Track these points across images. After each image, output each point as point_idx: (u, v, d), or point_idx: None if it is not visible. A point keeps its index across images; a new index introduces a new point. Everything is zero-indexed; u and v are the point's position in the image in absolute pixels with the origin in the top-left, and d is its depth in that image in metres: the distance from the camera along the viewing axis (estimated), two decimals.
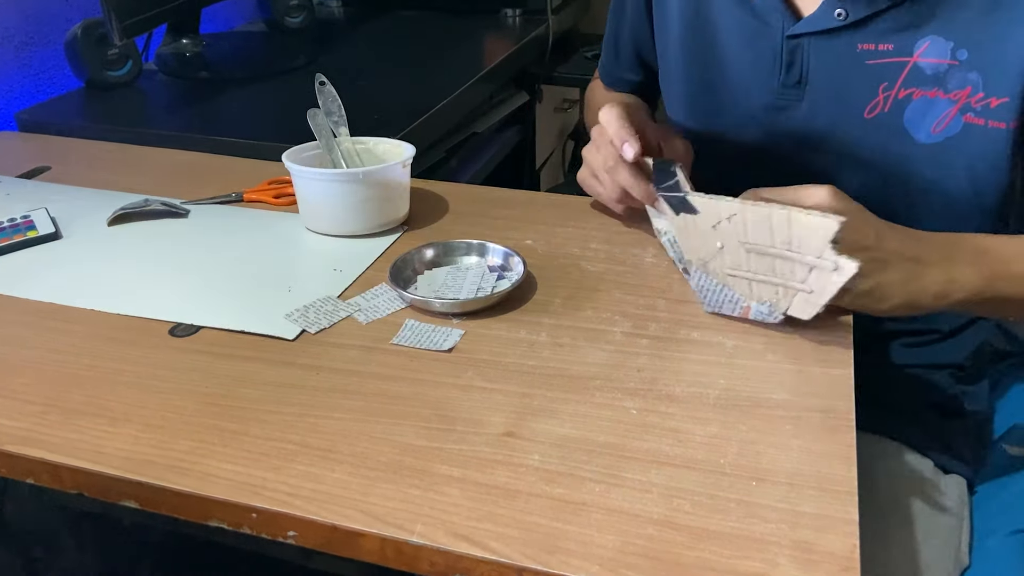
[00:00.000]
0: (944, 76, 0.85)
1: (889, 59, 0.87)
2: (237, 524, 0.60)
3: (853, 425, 0.65)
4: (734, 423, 0.65)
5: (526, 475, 0.60)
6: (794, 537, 0.55)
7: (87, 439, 0.64)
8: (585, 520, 0.57)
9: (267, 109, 1.37)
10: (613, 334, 0.76)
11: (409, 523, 0.57)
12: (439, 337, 0.76)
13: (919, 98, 0.87)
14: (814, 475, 0.60)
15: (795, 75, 0.93)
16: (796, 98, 0.94)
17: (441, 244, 0.87)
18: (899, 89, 0.87)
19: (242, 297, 0.83)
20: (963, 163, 0.87)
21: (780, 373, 0.71)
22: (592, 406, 0.67)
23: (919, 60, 0.86)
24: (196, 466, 0.62)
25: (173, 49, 1.56)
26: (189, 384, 0.70)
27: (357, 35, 1.82)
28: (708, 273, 0.78)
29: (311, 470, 0.61)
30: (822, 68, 0.91)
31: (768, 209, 0.70)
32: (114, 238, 0.95)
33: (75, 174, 1.12)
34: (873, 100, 0.89)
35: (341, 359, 0.73)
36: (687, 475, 0.60)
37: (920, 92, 0.87)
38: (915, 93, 0.87)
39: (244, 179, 1.07)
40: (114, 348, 0.75)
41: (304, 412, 0.67)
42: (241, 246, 0.93)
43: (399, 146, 0.99)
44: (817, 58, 0.91)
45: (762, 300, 0.75)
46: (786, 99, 0.94)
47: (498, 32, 1.83)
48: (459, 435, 0.64)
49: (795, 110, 0.94)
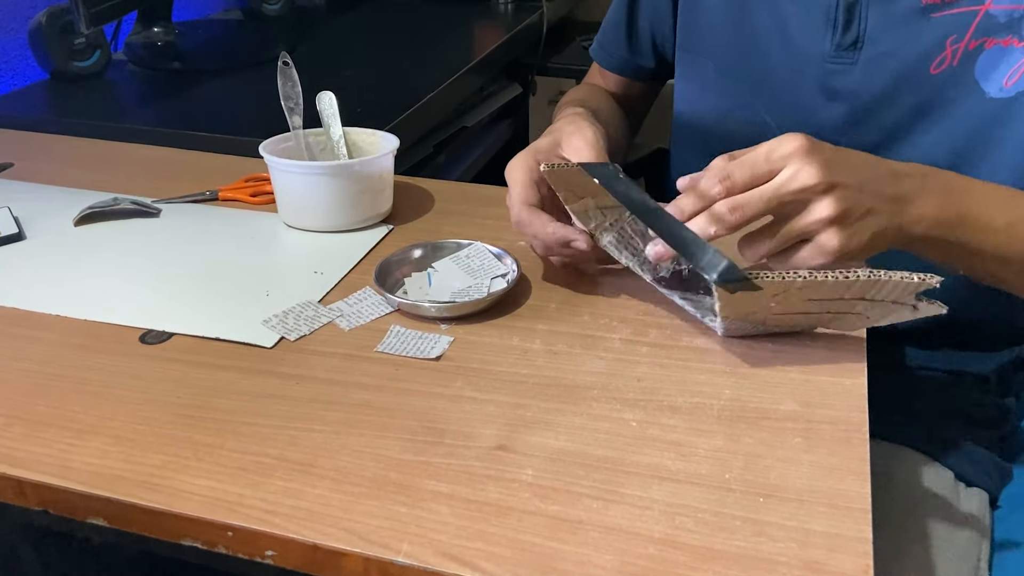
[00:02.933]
0: (1021, 22, 0.84)
1: (958, 9, 0.86)
2: (212, 543, 0.60)
3: (867, 438, 0.65)
4: (740, 436, 0.65)
5: (519, 491, 0.60)
6: (804, 557, 0.55)
7: (53, 453, 0.64)
8: (582, 539, 0.57)
9: (244, 102, 1.37)
10: (611, 341, 0.76)
11: (395, 542, 0.57)
12: (426, 344, 0.75)
13: (992, 47, 0.86)
14: (825, 491, 0.60)
15: (851, 36, 0.92)
16: (850, 60, 0.92)
17: (429, 244, 0.87)
18: (969, 40, 0.86)
19: (217, 302, 0.83)
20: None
21: (789, 383, 0.71)
22: (589, 418, 0.67)
23: (992, 7, 0.85)
24: (168, 481, 0.61)
25: (144, 38, 1.56)
26: (161, 394, 0.70)
27: (339, 23, 1.82)
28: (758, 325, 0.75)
29: (291, 486, 0.61)
30: (882, 28, 0.90)
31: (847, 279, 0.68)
32: (81, 239, 0.94)
33: (39, 171, 1.11)
34: (940, 55, 0.88)
35: (322, 368, 0.73)
36: (690, 491, 0.60)
37: (993, 41, 0.85)
38: (987, 43, 0.86)
39: (219, 176, 1.07)
40: (81, 356, 0.75)
41: (283, 424, 0.67)
42: (216, 248, 0.93)
43: (375, 135, 1.00)
44: (877, 17, 0.90)
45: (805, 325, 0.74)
46: (840, 62, 0.93)
47: (489, 20, 1.83)
48: (448, 448, 0.64)
49: (848, 74, 0.93)
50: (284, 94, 0.98)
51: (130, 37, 1.56)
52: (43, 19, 1.37)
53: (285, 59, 0.99)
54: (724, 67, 1.03)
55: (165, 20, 1.58)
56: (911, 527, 0.88)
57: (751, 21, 0.99)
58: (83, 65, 1.42)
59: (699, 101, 1.08)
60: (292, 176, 0.93)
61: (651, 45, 1.17)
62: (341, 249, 0.91)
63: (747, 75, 1.01)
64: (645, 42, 1.18)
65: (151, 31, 1.56)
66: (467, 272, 0.85)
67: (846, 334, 0.76)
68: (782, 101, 0.99)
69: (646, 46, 1.18)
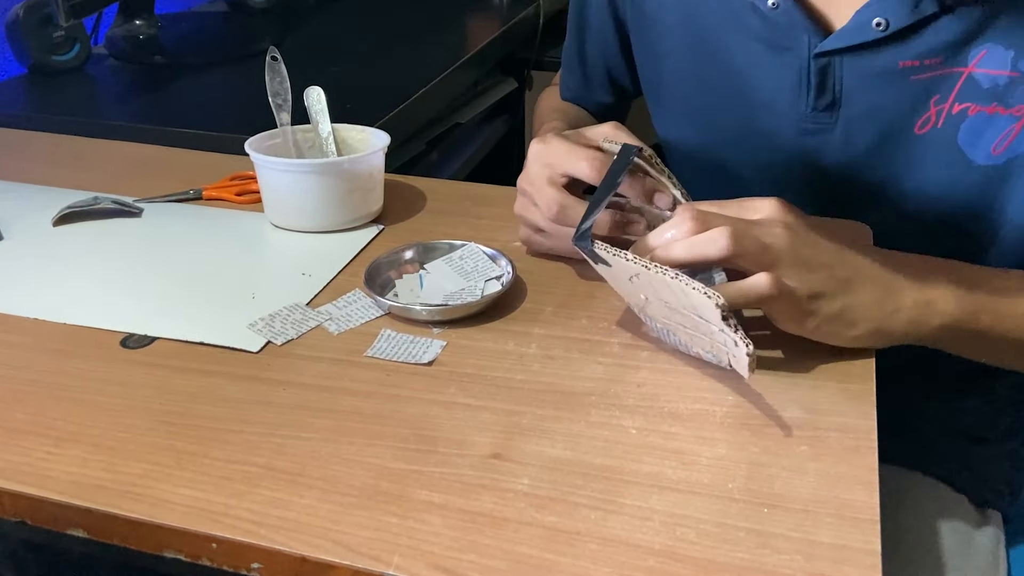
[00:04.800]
0: (1004, 90, 0.82)
1: (939, 72, 0.84)
2: (196, 555, 0.59)
3: (875, 446, 0.65)
4: (744, 444, 0.65)
5: (514, 501, 0.60)
6: (810, 569, 0.55)
7: (30, 461, 0.64)
8: (579, 551, 0.57)
9: (229, 97, 1.37)
10: (610, 345, 0.76)
11: (385, 554, 0.56)
12: (418, 349, 0.75)
13: (975, 114, 0.83)
14: (832, 501, 0.60)
15: (827, 98, 0.89)
16: (829, 121, 0.90)
17: (421, 245, 0.87)
18: (952, 103, 0.84)
19: (201, 305, 0.83)
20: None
21: (794, 389, 0.71)
22: (587, 425, 0.67)
23: (975, 71, 0.82)
24: (151, 491, 0.61)
25: (125, 31, 1.56)
26: (143, 401, 0.70)
27: (328, 15, 1.83)
28: (649, 318, 0.76)
29: (277, 495, 0.61)
30: (859, 88, 0.88)
31: (663, 276, 0.67)
32: (60, 240, 0.94)
33: (16, 169, 1.11)
34: (925, 114, 0.85)
35: (310, 373, 0.73)
36: (692, 501, 0.60)
37: (976, 108, 0.83)
38: (971, 108, 0.83)
39: (203, 175, 1.07)
40: (60, 361, 0.75)
41: (269, 432, 0.67)
42: (200, 249, 0.93)
43: (364, 131, 1.00)
44: (852, 78, 0.87)
45: (706, 350, 0.72)
46: (818, 123, 0.91)
47: (483, 13, 1.83)
48: (440, 457, 0.64)
49: (828, 134, 0.91)
50: (272, 90, 0.98)
51: (111, 30, 1.56)
52: (20, 11, 1.37)
53: (273, 54, 0.99)
54: (698, 125, 1.02)
55: (147, 12, 1.58)
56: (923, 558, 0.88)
57: (723, 82, 0.97)
58: (62, 59, 1.42)
59: (676, 131, 1.07)
60: (279, 174, 0.92)
61: (607, 81, 1.16)
62: (330, 250, 0.91)
63: (721, 131, 0.99)
64: (600, 78, 1.17)
65: (133, 24, 1.56)
66: (460, 274, 0.85)
67: None
68: (757, 163, 0.97)
69: (601, 82, 1.17)
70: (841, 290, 0.71)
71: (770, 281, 0.68)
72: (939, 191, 0.87)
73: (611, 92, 1.17)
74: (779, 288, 0.68)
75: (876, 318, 0.72)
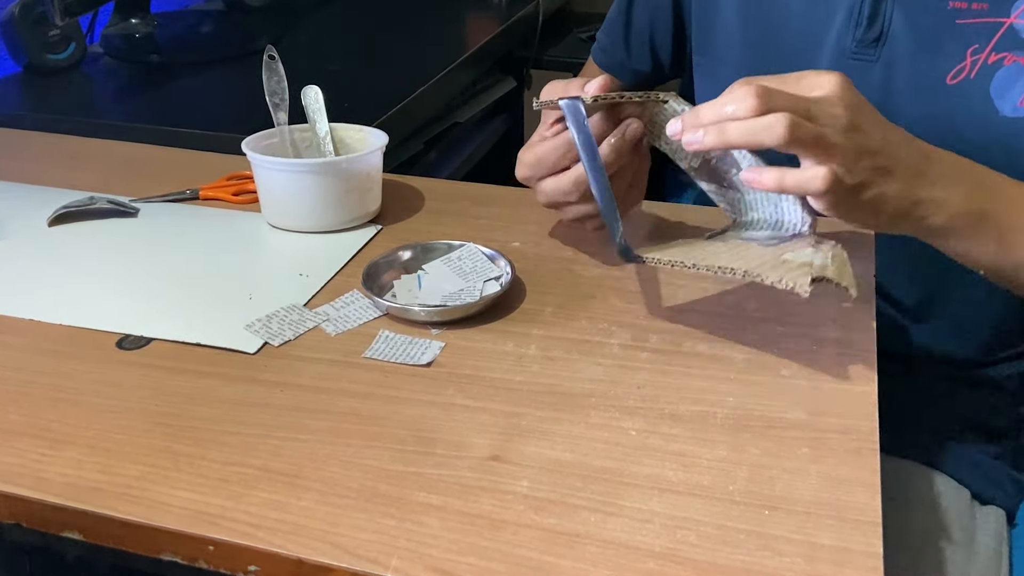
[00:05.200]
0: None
1: (982, 19, 0.86)
2: (192, 558, 0.59)
3: (877, 448, 0.65)
4: (744, 446, 0.65)
5: (513, 503, 0.60)
6: (811, 572, 0.55)
7: (26, 463, 0.64)
8: (579, 553, 0.57)
9: (226, 96, 1.37)
10: (610, 346, 0.76)
11: (383, 557, 0.56)
12: (416, 350, 0.75)
13: (1011, 64, 0.86)
14: (833, 503, 0.60)
15: (875, 32, 0.92)
16: (871, 57, 0.92)
17: (419, 245, 0.87)
18: (989, 53, 0.86)
19: (198, 306, 0.83)
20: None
21: (795, 390, 0.71)
22: (587, 427, 0.67)
23: (1016, 21, 0.85)
24: (147, 493, 0.61)
25: (121, 30, 1.56)
26: (139, 402, 0.70)
27: (325, 13, 1.82)
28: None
29: (275, 498, 0.61)
30: (907, 24, 0.90)
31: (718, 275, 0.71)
32: (56, 240, 0.94)
33: (11, 169, 1.11)
34: (959, 64, 0.88)
35: (308, 374, 0.73)
36: (692, 503, 0.60)
37: (1013, 58, 0.86)
38: (1007, 58, 0.86)
39: (200, 174, 1.07)
40: (56, 362, 0.75)
41: (267, 433, 0.67)
42: (197, 249, 0.93)
43: (362, 131, 1.00)
44: (902, 16, 0.90)
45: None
46: (860, 57, 0.93)
47: (482, 11, 1.83)
48: (439, 459, 0.64)
49: (870, 70, 0.93)
50: (269, 89, 0.98)
51: (107, 29, 1.56)
52: (16, 10, 1.37)
53: (271, 52, 0.99)
54: (742, 69, 1.03)
55: (143, 11, 1.58)
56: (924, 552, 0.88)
57: (768, 21, 0.99)
58: (58, 58, 1.42)
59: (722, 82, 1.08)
60: (276, 174, 0.92)
61: (648, 48, 1.18)
62: (327, 250, 0.91)
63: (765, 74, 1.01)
64: (642, 44, 1.18)
65: (129, 22, 1.56)
66: (459, 274, 0.85)
67: (854, 342, 0.76)
68: None
69: (643, 48, 1.18)
70: (877, 181, 0.71)
71: (824, 183, 0.68)
72: (964, 140, 0.88)
73: (650, 61, 1.18)
74: (831, 186, 0.68)
75: (896, 207, 0.73)
